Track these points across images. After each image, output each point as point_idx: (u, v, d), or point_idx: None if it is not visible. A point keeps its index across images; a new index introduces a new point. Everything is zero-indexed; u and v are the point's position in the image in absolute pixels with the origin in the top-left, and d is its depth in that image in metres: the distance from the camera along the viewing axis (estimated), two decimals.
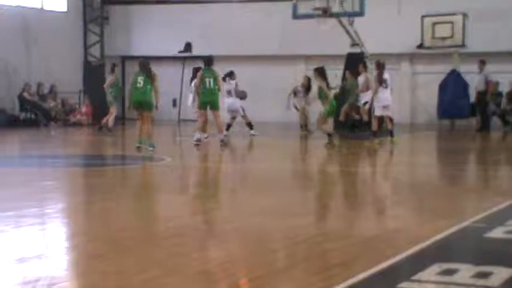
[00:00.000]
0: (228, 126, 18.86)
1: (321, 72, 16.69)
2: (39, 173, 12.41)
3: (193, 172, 13.25)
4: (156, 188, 10.96)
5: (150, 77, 14.86)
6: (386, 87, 17.28)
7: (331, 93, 17.12)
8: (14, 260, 5.81)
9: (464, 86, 24.52)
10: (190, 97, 18.52)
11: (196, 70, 18.22)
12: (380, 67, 17.27)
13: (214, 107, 16.53)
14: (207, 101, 16.48)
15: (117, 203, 9.06)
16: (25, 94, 25.30)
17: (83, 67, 28.63)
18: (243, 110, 19.64)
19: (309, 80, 21.35)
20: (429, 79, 26.15)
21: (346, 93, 20.89)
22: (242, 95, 19.52)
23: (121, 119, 24.92)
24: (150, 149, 14.63)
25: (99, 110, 24.71)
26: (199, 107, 16.72)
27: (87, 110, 26.27)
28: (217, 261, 5.79)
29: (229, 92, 19.22)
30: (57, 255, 6.09)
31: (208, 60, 16.84)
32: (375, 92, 17.30)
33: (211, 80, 16.41)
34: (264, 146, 18.27)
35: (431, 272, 5.16)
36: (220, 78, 16.97)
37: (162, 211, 8.69)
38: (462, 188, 10.89)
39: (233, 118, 19.41)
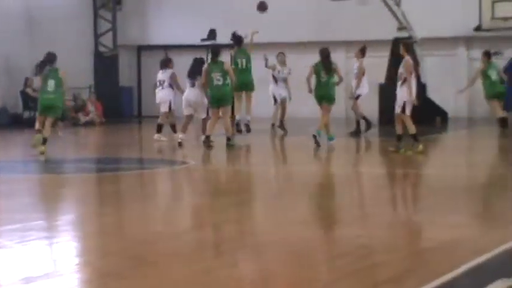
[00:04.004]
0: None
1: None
2: (45, 179, 12.47)
3: (222, 176, 13.28)
4: (180, 195, 10.99)
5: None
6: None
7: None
8: (18, 280, 5.86)
9: None
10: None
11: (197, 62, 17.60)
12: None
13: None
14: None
15: (134, 213, 9.10)
16: (28, 90, 25.49)
17: (93, 58, 28.80)
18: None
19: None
20: None
21: None
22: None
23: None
24: None
25: (112, 107, 24.86)
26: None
27: (96, 108, 26.34)
28: (252, 278, 5.80)
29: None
30: (67, 273, 6.12)
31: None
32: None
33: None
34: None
35: None
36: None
37: (186, 221, 8.69)
38: None
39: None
